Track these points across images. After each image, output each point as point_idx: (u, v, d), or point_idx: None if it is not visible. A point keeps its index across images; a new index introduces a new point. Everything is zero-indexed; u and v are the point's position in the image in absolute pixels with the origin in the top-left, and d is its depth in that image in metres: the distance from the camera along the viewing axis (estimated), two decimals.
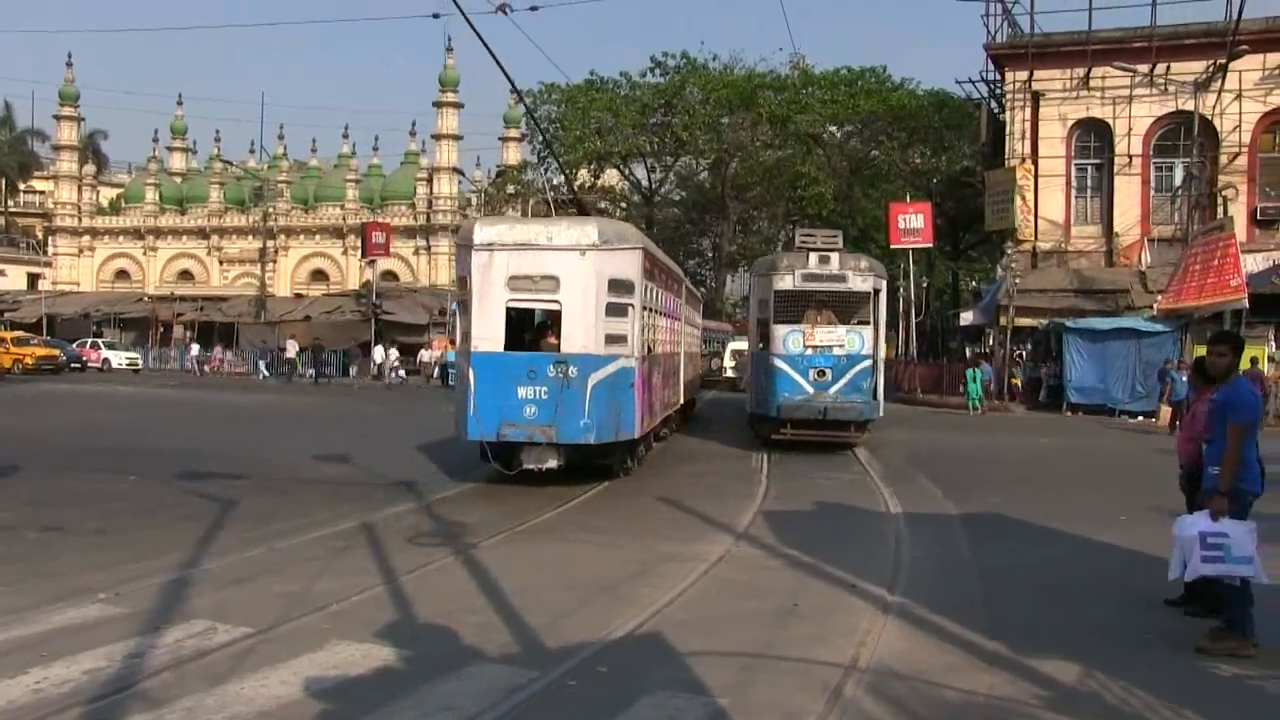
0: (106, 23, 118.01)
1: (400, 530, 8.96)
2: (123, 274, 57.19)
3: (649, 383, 12.67)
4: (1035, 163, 30.44)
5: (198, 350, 43.51)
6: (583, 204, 15.08)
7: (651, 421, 13.47)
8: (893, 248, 33.78)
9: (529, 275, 11.03)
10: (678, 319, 16.85)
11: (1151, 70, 28.86)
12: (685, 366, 18.41)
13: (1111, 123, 30.08)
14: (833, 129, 43.32)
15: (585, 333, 10.95)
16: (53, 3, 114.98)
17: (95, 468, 12.64)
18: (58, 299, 52.48)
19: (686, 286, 19.80)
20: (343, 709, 4.57)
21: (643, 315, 11.96)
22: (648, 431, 13.27)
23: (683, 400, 18.42)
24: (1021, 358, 29.03)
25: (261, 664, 5.09)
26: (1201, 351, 12.10)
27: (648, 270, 12.26)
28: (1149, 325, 25.23)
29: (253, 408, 24.95)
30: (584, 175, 42.70)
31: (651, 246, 13.57)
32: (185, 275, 56.15)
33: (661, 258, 15.31)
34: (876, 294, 15.70)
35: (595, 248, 11.00)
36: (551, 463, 11.03)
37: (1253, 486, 5.80)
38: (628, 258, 11.51)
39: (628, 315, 11.37)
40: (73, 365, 39.67)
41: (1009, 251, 29.60)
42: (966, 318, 33.95)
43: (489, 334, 10.99)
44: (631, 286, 11.43)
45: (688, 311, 19.27)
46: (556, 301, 11.12)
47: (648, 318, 12.58)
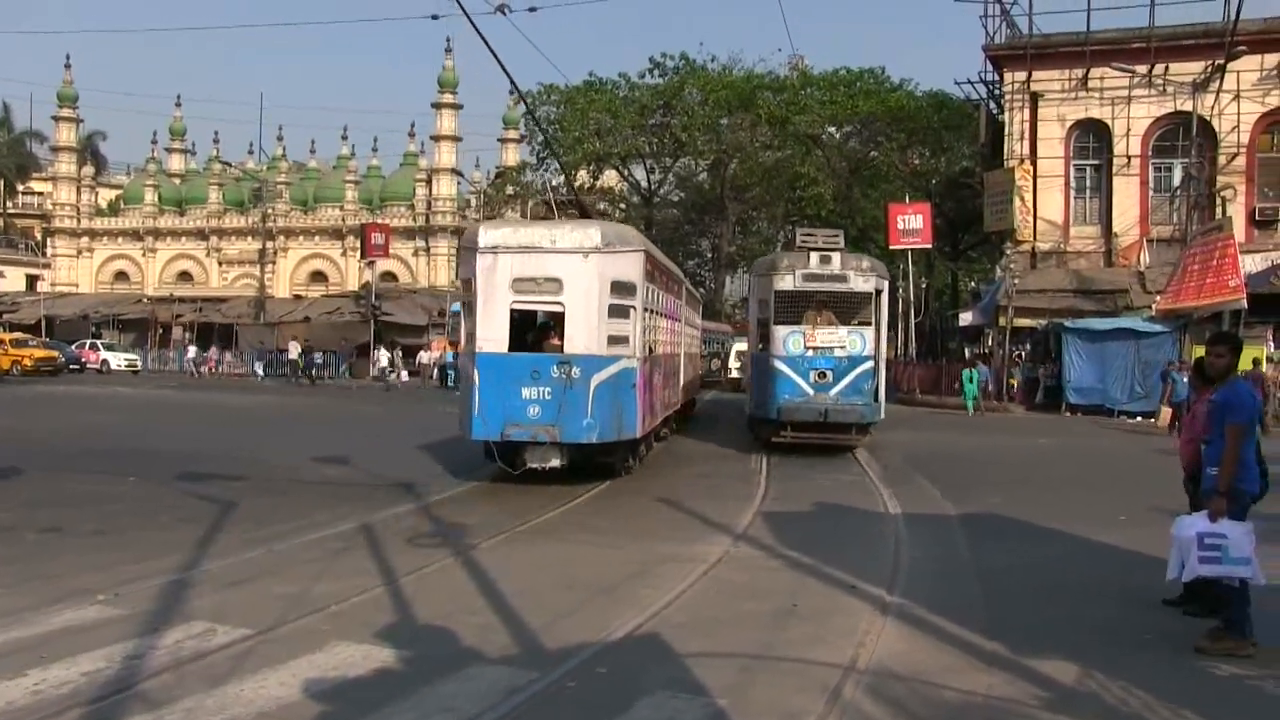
0: (106, 23, 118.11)
1: (400, 531, 8.96)
2: (122, 275, 57.09)
3: (650, 383, 12.74)
4: (1034, 163, 30.47)
5: (194, 351, 43.51)
6: (583, 205, 15.12)
7: (653, 421, 13.54)
8: (892, 248, 33.82)
9: (533, 277, 11.13)
10: (678, 320, 16.90)
11: (1150, 71, 28.89)
12: (685, 367, 18.47)
13: (1110, 123, 30.11)
14: (832, 130, 43.35)
15: (588, 334, 11.05)
16: (52, 3, 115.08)
17: (94, 469, 12.63)
18: (56, 300, 52.43)
19: (686, 288, 19.86)
20: (342, 710, 4.57)
21: (644, 317, 12.06)
22: (649, 431, 13.34)
23: (682, 400, 18.45)
24: (1020, 358, 29.04)
25: (261, 665, 5.10)
26: (1201, 352, 12.12)
27: (649, 272, 12.35)
28: (1148, 326, 25.23)
29: (251, 409, 24.94)
30: (583, 176, 42.71)
31: (653, 249, 13.64)
32: (184, 276, 56.06)
33: (662, 260, 15.35)
34: (878, 294, 15.51)
35: (598, 250, 11.09)
36: (555, 462, 11.13)
37: (1251, 487, 5.81)
38: (630, 260, 11.62)
39: (630, 317, 11.48)
40: (71, 367, 39.62)
41: (1008, 252, 29.62)
42: (965, 318, 33.97)
43: (494, 335, 11.08)
44: (633, 288, 11.53)
45: (687, 313, 19.33)
46: (560, 303, 11.22)
47: (649, 319, 12.66)
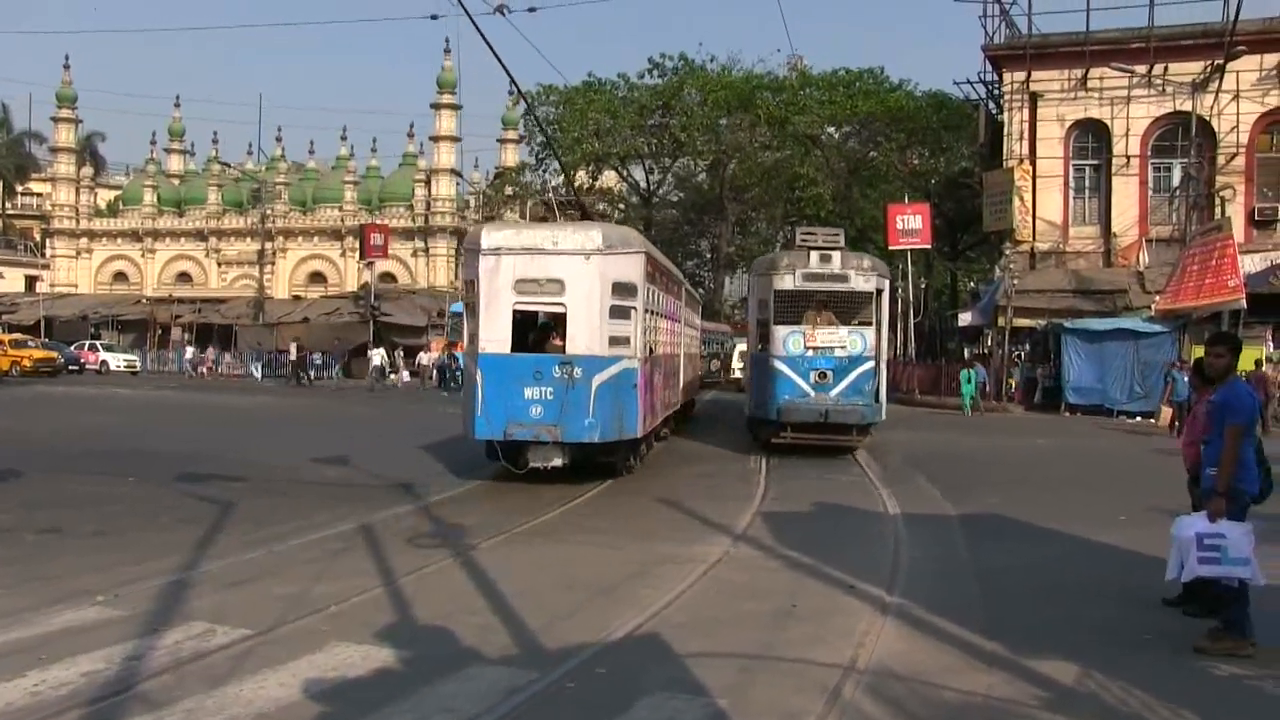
0: (105, 23, 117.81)
1: (399, 531, 8.96)
2: (121, 276, 57.03)
3: (651, 383, 12.79)
4: (1033, 163, 30.47)
5: (192, 352, 43.46)
6: (583, 205, 15.17)
7: (653, 421, 13.58)
8: (891, 248, 33.81)
9: (535, 279, 11.22)
10: (678, 321, 16.94)
11: (1149, 71, 28.90)
12: (685, 368, 18.51)
13: (1109, 123, 30.11)
14: (831, 130, 43.38)
15: (589, 335, 11.14)
16: (51, 3, 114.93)
17: (93, 470, 12.63)
18: (55, 301, 52.39)
19: (686, 289, 19.91)
20: (341, 711, 4.57)
21: (645, 317, 12.13)
22: (650, 431, 13.39)
23: (682, 401, 18.47)
24: (1019, 358, 29.04)
25: (260, 666, 5.10)
26: (1200, 352, 12.11)
27: (650, 274, 12.42)
28: (1147, 326, 25.24)
29: (250, 410, 24.93)
30: (582, 177, 42.71)
31: (653, 250, 13.70)
32: (183, 277, 56.01)
33: (662, 261, 15.39)
34: (879, 294, 15.42)
35: (599, 252, 11.19)
36: (557, 461, 11.22)
37: (1250, 487, 5.81)
38: (631, 262, 11.70)
39: (631, 318, 11.56)
40: (70, 367, 39.61)
41: (1007, 252, 29.62)
42: (965, 318, 33.97)
43: (496, 336, 11.18)
44: (634, 289, 11.61)
45: (687, 313, 19.38)
46: (562, 304, 11.32)
47: (650, 320, 12.73)
